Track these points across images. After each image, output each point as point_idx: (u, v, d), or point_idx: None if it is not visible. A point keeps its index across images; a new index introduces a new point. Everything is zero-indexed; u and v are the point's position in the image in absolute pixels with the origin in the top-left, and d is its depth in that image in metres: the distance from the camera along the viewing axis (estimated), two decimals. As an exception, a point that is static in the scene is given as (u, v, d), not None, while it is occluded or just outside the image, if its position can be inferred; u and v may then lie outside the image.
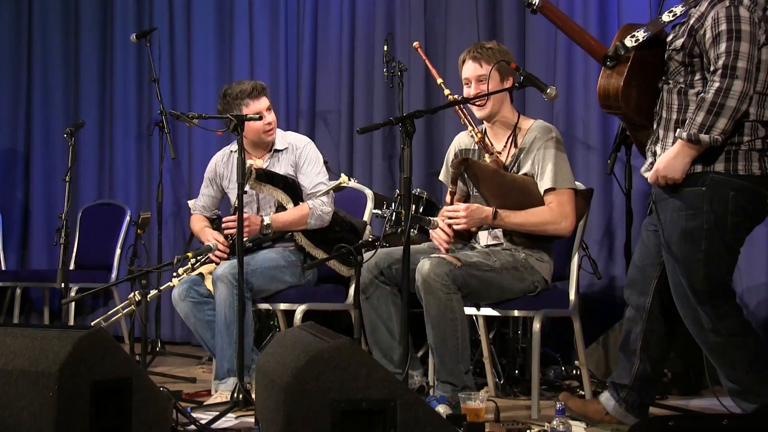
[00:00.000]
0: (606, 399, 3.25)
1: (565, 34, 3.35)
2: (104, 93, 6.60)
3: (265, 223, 4.04)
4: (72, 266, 5.93)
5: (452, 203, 3.67)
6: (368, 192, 4.49)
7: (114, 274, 5.83)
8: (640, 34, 3.00)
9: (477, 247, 3.71)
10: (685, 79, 2.97)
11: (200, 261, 4.01)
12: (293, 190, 4.14)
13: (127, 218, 5.97)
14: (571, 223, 3.64)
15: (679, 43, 2.97)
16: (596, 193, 4.50)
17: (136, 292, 3.70)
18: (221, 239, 4.07)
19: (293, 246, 4.16)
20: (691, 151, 2.90)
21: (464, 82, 3.72)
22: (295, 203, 4.12)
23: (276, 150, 4.24)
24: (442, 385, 3.41)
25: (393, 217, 4.16)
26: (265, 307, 4.10)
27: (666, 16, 3.02)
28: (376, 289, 3.62)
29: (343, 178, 4.06)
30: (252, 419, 3.26)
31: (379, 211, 4.55)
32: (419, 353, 4.16)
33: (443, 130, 5.22)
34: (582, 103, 4.81)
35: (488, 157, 3.71)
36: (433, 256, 3.45)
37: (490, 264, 3.52)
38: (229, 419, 3.37)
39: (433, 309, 3.38)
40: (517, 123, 3.72)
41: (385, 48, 5.05)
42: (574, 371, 4.33)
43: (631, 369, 3.19)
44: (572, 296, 3.81)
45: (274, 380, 2.45)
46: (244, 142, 4.27)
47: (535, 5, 3.17)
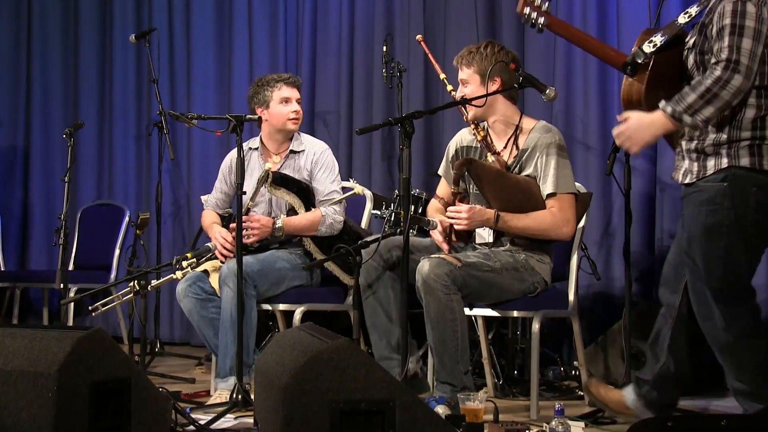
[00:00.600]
0: (628, 392, 3.23)
1: (580, 47, 3.36)
2: (103, 93, 6.60)
3: (276, 226, 4.04)
4: (71, 267, 5.93)
5: (454, 203, 3.67)
6: (367, 192, 4.49)
7: (113, 275, 5.83)
8: (658, 39, 3.00)
9: (477, 246, 3.71)
10: (700, 77, 2.94)
11: (199, 262, 4.01)
12: (306, 195, 4.14)
13: (126, 219, 5.97)
14: (572, 228, 3.65)
15: (691, 41, 2.97)
16: (595, 193, 4.50)
17: (135, 281, 3.71)
18: (228, 237, 4.06)
19: (300, 250, 4.16)
20: (668, 126, 2.88)
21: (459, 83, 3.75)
22: (307, 208, 4.11)
23: (293, 151, 4.24)
24: (442, 386, 3.41)
25: (392, 218, 4.16)
26: (265, 307, 4.10)
27: (682, 18, 3.02)
28: (379, 276, 3.61)
29: (357, 188, 4.07)
30: (251, 420, 3.27)
31: (378, 212, 4.55)
32: (420, 352, 4.16)
33: (442, 131, 5.21)
34: (581, 104, 4.80)
35: (491, 156, 3.71)
36: (433, 256, 3.45)
37: (490, 264, 3.52)
38: (228, 420, 3.37)
39: (433, 309, 3.38)
40: (519, 123, 3.72)
41: (385, 48, 5.05)
42: (573, 372, 4.33)
43: (655, 366, 3.16)
44: (571, 297, 3.81)
45: (273, 381, 2.45)
46: (265, 135, 4.29)
47: (541, 24, 3.17)
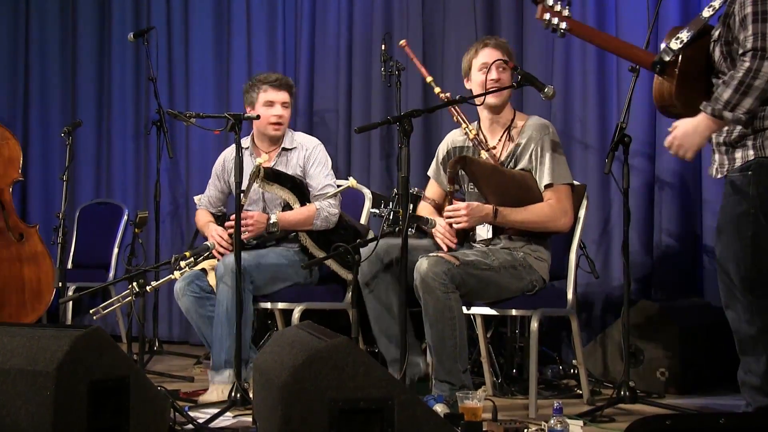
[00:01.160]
0: None
1: (605, 49, 3.36)
2: (102, 92, 6.59)
3: (271, 222, 4.04)
4: (69, 265, 5.93)
5: (451, 203, 3.67)
6: (366, 191, 4.49)
7: (111, 274, 5.83)
8: (684, 35, 3.01)
9: (475, 245, 3.71)
10: (728, 68, 2.95)
11: (198, 261, 4.01)
12: (300, 190, 4.14)
13: (125, 217, 5.97)
14: (570, 219, 3.68)
15: (716, 33, 2.98)
16: (594, 192, 4.51)
17: (135, 283, 3.71)
18: (225, 235, 4.06)
19: (297, 246, 4.16)
20: (712, 126, 2.88)
21: (479, 68, 3.73)
22: (302, 203, 4.12)
23: (285, 149, 4.24)
24: (440, 384, 3.41)
25: (391, 217, 4.16)
26: (264, 306, 4.10)
27: (706, 12, 3.02)
28: (379, 280, 3.61)
29: (351, 181, 4.07)
30: (249, 418, 3.27)
31: (377, 211, 4.55)
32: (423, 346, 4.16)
33: (441, 129, 5.21)
34: (580, 103, 4.81)
35: (484, 153, 3.72)
36: (431, 255, 3.45)
37: (488, 263, 3.53)
38: (227, 418, 3.37)
39: (431, 308, 3.38)
40: (513, 119, 3.77)
41: (383, 47, 5.05)
42: (572, 370, 4.33)
43: None
44: (570, 295, 3.81)
45: (272, 379, 2.45)
46: (256, 135, 4.30)
47: (563, 29, 3.17)
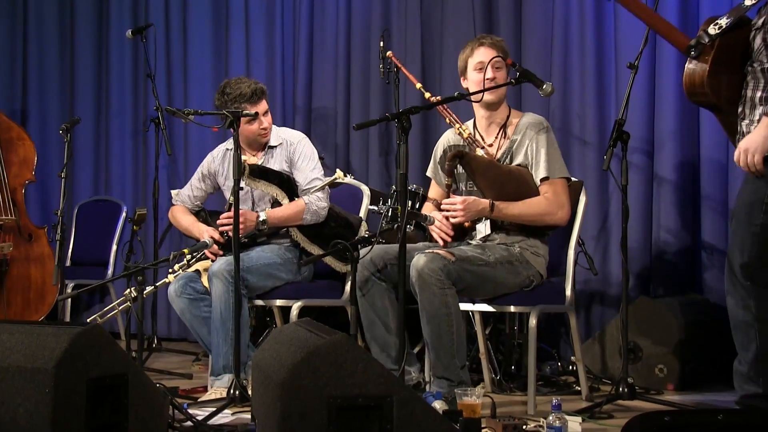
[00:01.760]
0: None
1: (645, 24, 3.32)
2: (100, 89, 6.58)
3: (260, 219, 4.04)
4: (68, 263, 5.92)
5: (449, 196, 3.67)
6: (364, 188, 4.49)
7: (110, 271, 5.83)
8: (723, 21, 3.00)
9: (471, 241, 3.71)
10: None
11: (196, 257, 4.00)
12: (288, 185, 4.14)
13: (123, 214, 5.96)
14: (567, 212, 3.68)
15: (760, 22, 2.96)
16: (592, 188, 4.51)
17: (132, 289, 3.71)
18: (216, 235, 4.06)
19: (288, 242, 4.16)
20: None
21: (475, 67, 3.73)
22: (290, 199, 4.11)
23: (270, 146, 4.24)
24: (438, 381, 3.41)
25: (389, 213, 4.15)
26: (261, 303, 4.10)
27: (748, 0, 3.02)
28: (373, 286, 3.62)
29: (338, 174, 4.06)
30: (248, 415, 3.27)
31: (376, 207, 4.55)
32: (415, 350, 4.16)
33: (439, 126, 5.20)
34: (578, 99, 4.80)
35: (480, 151, 3.72)
36: (427, 251, 3.46)
37: (484, 258, 3.53)
38: (226, 415, 3.37)
39: (428, 304, 3.38)
40: (508, 116, 3.78)
41: (381, 44, 5.04)
42: (570, 367, 4.34)
43: None
44: (568, 292, 3.81)
45: (271, 376, 2.45)
46: (240, 140, 4.27)
47: None
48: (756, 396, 2.97)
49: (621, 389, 3.58)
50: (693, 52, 3.03)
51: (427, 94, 3.88)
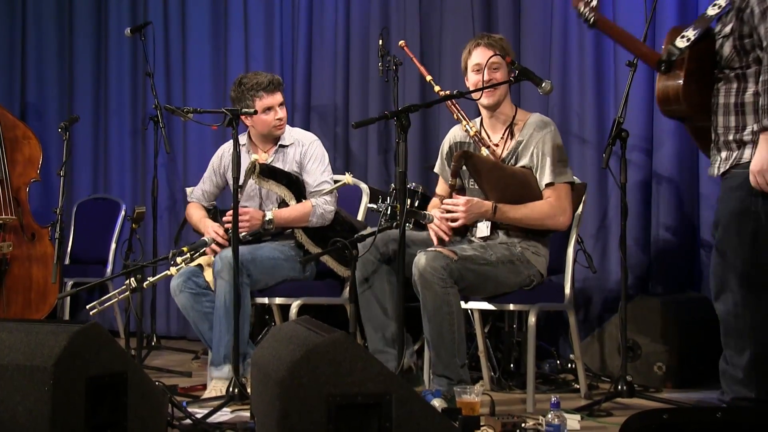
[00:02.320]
0: None
1: (619, 45, 3.34)
2: (99, 87, 6.58)
3: (266, 219, 4.04)
4: (67, 261, 5.92)
5: (452, 196, 3.67)
6: (364, 186, 4.49)
7: (109, 269, 5.83)
8: (690, 33, 2.99)
9: (473, 240, 3.71)
10: (740, 63, 2.94)
11: (196, 256, 4.00)
12: (296, 186, 4.14)
13: (122, 213, 5.96)
14: (569, 217, 3.68)
15: (728, 29, 2.95)
16: (591, 187, 4.51)
17: (132, 279, 3.70)
18: (221, 231, 4.06)
19: (293, 243, 4.16)
20: None
21: (472, 69, 3.73)
22: (298, 200, 4.11)
23: (282, 145, 4.24)
24: (438, 379, 3.41)
25: (388, 211, 4.16)
26: (261, 301, 4.10)
27: (711, 10, 3.00)
28: (373, 268, 3.61)
29: (347, 178, 4.06)
30: (248, 413, 3.27)
31: (375, 206, 4.55)
32: (415, 347, 4.16)
33: (438, 124, 5.22)
34: (577, 97, 4.81)
35: (485, 150, 3.72)
36: (430, 249, 3.46)
37: (486, 257, 3.53)
38: (225, 413, 3.37)
39: (430, 303, 3.38)
40: (514, 116, 3.77)
41: (380, 42, 5.05)
42: (569, 365, 4.34)
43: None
44: (567, 290, 3.81)
45: (270, 374, 2.45)
46: (252, 134, 4.28)
47: (591, 20, 3.19)
48: (747, 399, 2.97)
49: (620, 387, 3.59)
50: (664, 67, 3.03)
51: (437, 88, 3.87)
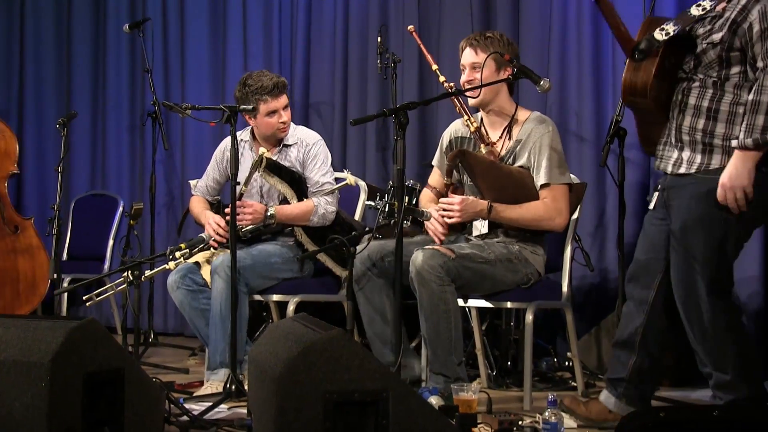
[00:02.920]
0: (606, 397, 3.18)
1: (607, 23, 3.29)
2: (97, 83, 6.57)
3: (269, 213, 4.04)
4: (64, 257, 5.92)
5: (447, 195, 3.67)
6: (362, 183, 4.49)
7: (107, 265, 5.82)
8: (670, 28, 2.97)
9: (471, 238, 3.71)
10: (719, 72, 2.93)
11: (193, 252, 4.00)
12: (299, 185, 4.13)
13: (120, 209, 5.95)
14: (565, 219, 3.65)
15: (717, 37, 2.92)
16: (589, 185, 4.50)
17: (129, 272, 3.70)
18: (222, 223, 4.05)
19: (292, 241, 4.16)
20: (754, 156, 2.84)
21: (461, 68, 3.73)
22: (299, 199, 4.11)
23: (285, 144, 4.23)
24: (435, 377, 3.41)
25: (386, 209, 4.16)
26: (258, 298, 4.10)
27: (695, 10, 2.98)
28: (369, 281, 3.62)
29: (349, 178, 4.06)
30: (245, 410, 3.27)
31: (373, 203, 4.55)
32: (412, 344, 4.17)
33: (437, 122, 5.22)
34: (575, 95, 4.81)
35: (484, 148, 3.71)
36: (427, 247, 3.46)
37: (483, 256, 3.53)
38: (222, 410, 3.37)
39: (427, 300, 3.38)
40: (514, 114, 3.73)
41: (379, 39, 5.05)
42: (567, 363, 4.34)
43: (629, 363, 3.12)
44: (565, 288, 3.82)
45: (267, 371, 2.45)
46: (256, 134, 4.27)
47: None
48: (742, 399, 2.97)
49: (617, 385, 3.58)
50: (638, 56, 3.01)
51: (442, 78, 3.86)
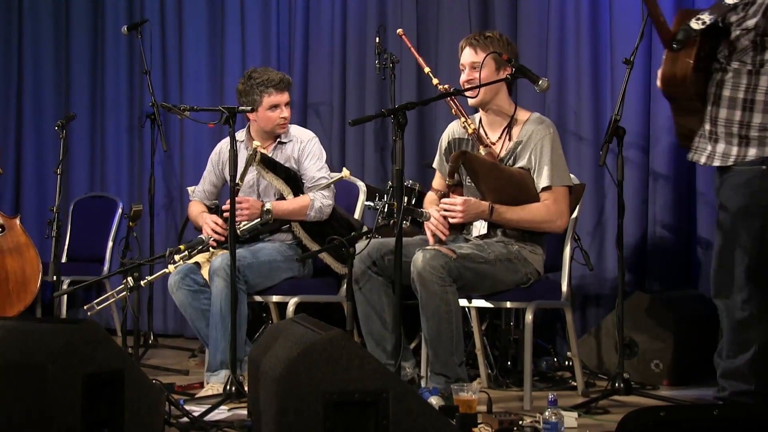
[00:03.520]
0: None
1: (647, 8, 3.28)
2: (95, 85, 6.57)
3: (265, 209, 4.04)
4: (64, 259, 5.92)
5: (448, 196, 3.67)
6: (361, 184, 4.49)
7: (106, 267, 5.82)
8: (706, 17, 2.97)
9: (470, 238, 3.71)
10: (754, 58, 2.95)
11: (193, 253, 4.00)
12: (294, 182, 4.14)
13: (119, 211, 5.95)
14: (566, 221, 3.67)
15: (751, 23, 2.94)
16: (588, 184, 4.51)
17: (129, 278, 3.70)
18: (219, 221, 4.06)
19: (291, 239, 4.16)
20: None
21: (460, 67, 3.73)
22: (295, 195, 4.12)
23: (281, 142, 4.24)
24: (435, 377, 3.41)
25: (385, 209, 4.16)
26: (258, 299, 4.10)
27: None
28: (369, 280, 3.62)
29: (345, 172, 4.06)
30: (245, 411, 3.27)
31: (372, 203, 4.55)
32: (411, 345, 4.17)
33: (435, 122, 5.21)
34: (574, 95, 4.80)
35: (482, 149, 3.71)
36: (428, 248, 3.45)
37: (484, 256, 3.53)
38: (222, 411, 3.37)
39: (428, 301, 3.38)
40: (513, 115, 3.73)
41: (377, 40, 5.05)
42: (567, 362, 4.34)
43: None
44: (564, 288, 3.82)
45: (267, 372, 2.45)
46: (253, 129, 4.28)
47: None
48: (746, 393, 2.98)
49: (617, 384, 3.59)
50: (676, 46, 3.02)
51: (435, 80, 3.86)
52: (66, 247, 6.02)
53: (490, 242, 3.63)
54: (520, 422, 3.03)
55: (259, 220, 4.04)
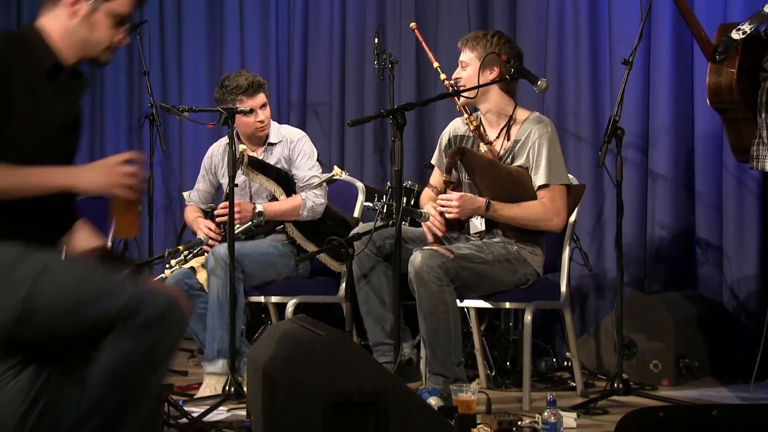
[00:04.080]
0: None
1: (686, 23, 3.29)
2: (94, 86, 6.56)
3: (257, 211, 4.04)
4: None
5: (445, 192, 3.67)
6: (359, 185, 4.49)
7: (105, 268, 5.82)
8: (747, 27, 2.98)
9: (470, 237, 3.71)
10: None
11: (192, 253, 4.00)
12: (286, 182, 4.14)
13: (119, 211, 5.94)
14: (563, 220, 3.65)
15: None
16: (587, 185, 4.51)
17: None
18: (213, 227, 4.07)
19: (285, 239, 4.17)
20: None
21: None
22: (288, 195, 4.12)
23: (270, 143, 4.24)
24: (434, 377, 3.41)
25: (384, 210, 4.16)
26: (257, 299, 4.10)
27: (767, 8, 3.01)
28: (368, 261, 3.61)
29: (336, 170, 4.06)
30: (244, 412, 3.27)
31: (371, 204, 4.55)
32: (414, 340, 4.16)
33: (434, 122, 5.22)
34: (573, 95, 4.81)
35: (483, 146, 3.71)
36: (426, 248, 3.45)
37: (482, 256, 3.53)
38: (221, 412, 3.37)
39: (426, 301, 3.38)
40: (512, 114, 3.72)
41: (376, 40, 5.04)
42: (566, 363, 4.34)
43: None
44: (563, 288, 3.81)
45: (266, 373, 2.45)
46: (240, 133, 4.28)
47: None
48: None
49: (616, 385, 3.58)
50: (718, 57, 3.02)
51: (443, 76, 3.86)
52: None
53: (490, 243, 3.63)
54: (519, 423, 3.04)
55: (252, 222, 4.04)
